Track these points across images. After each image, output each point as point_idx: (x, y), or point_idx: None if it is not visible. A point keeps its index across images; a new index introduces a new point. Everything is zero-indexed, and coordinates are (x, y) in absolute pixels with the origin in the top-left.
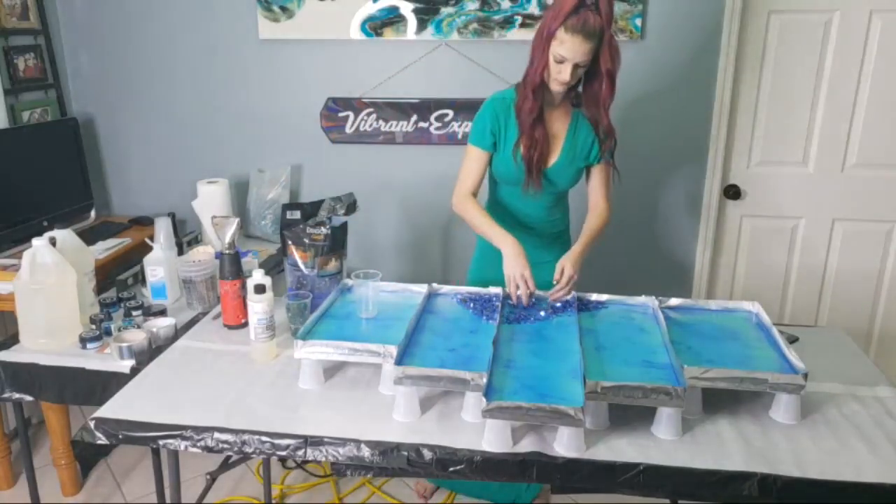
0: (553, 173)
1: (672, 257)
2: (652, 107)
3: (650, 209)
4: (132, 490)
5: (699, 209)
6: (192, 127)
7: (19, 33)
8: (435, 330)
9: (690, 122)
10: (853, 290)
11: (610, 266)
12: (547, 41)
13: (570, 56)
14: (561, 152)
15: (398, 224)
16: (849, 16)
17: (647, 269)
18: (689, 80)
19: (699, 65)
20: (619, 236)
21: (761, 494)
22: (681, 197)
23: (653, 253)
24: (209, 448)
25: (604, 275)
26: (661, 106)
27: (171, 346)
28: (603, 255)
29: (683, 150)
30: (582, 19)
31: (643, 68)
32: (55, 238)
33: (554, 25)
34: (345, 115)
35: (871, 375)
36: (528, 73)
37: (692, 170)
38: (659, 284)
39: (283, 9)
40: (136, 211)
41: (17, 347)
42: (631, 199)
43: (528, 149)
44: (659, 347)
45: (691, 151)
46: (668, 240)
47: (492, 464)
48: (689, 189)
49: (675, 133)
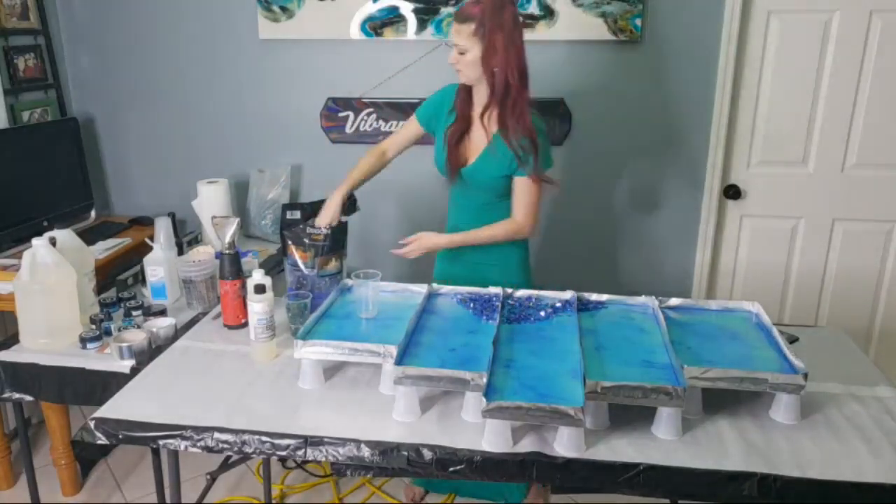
0: (468, 173)
1: (672, 257)
2: (652, 107)
3: (650, 209)
4: (132, 490)
5: (699, 209)
6: (192, 127)
7: (19, 33)
8: (435, 330)
9: (690, 122)
10: (853, 290)
11: (610, 266)
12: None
13: (451, 39)
14: (479, 156)
15: (398, 224)
16: (849, 16)
17: (647, 269)
18: (689, 80)
19: (699, 65)
20: (620, 237)
21: (761, 494)
22: (681, 197)
23: (653, 253)
24: (209, 448)
25: (604, 275)
26: (661, 106)
27: (171, 346)
28: (603, 255)
29: (683, 150)
30: (462, 7)
31: (643, 68)
32: (55, 238)
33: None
34: (345, 115)
35: (871, 375)
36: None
37: (692, 170)
38: (659, 284)
39: (283, 9)
40: (136, 211)
41: (17, 347)
42: (631, 199)
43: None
44: (659, 347)
45: (691, 151)
46: (668, 240)
47: (492, 464)
48: (689, 189)
49: (675, 133)
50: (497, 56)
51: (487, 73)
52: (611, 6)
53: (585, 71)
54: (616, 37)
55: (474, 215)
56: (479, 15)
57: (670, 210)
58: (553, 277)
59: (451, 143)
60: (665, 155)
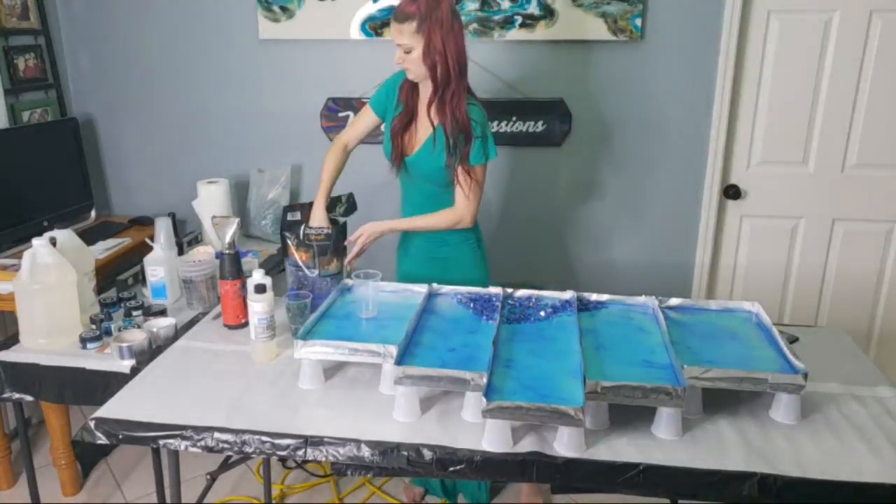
0: (412, 163)
1: (672, 257)
2: (652, 107)
3: (650, 209)
4: (132, 490)
5: (699, 209)
6: (192, 127)
7: (19, 33)
8: (435, 330)
9: (690, 122)
10: (853, 290)
11: (609, 266)
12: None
13: (393, 38)
14: (422, 146)
15: None
16: (849, 16)
17: (647, 269)
18: (689, 80)
19: (699, 65)
20: (620, 236)
21: (761, 494)
22: (681, 197)
23: (653, 253)
24: (209, 448)
25: (604, 275)
26: (661, 106)
27: (171, 346)
28: (603, 255)
29: (683, 150)
30: (399, 6)
31: (643, 68)
32: (55, 238)
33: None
34: (345, 115)
35: (871, 375)
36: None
37: (692, 170)
38: (659, 284)
39: (283, 9)
40: (136, 211)
41: (17, 347)
42: (631, 199)
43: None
44: (659, 347)
45: (691, 151)
46: (668, 240)
47: (492, 464)
48: (689, 189)
49: (675, 133)
50: (437, 51)
51: (430, 67)
52: (611, 6)
53: (585, 71)
54: (616, 37)
55: (420, 205)
56: (417, 12)
57: (670, 210)
58: (552, 277)
59: (396, 132)
60: (665, 155)
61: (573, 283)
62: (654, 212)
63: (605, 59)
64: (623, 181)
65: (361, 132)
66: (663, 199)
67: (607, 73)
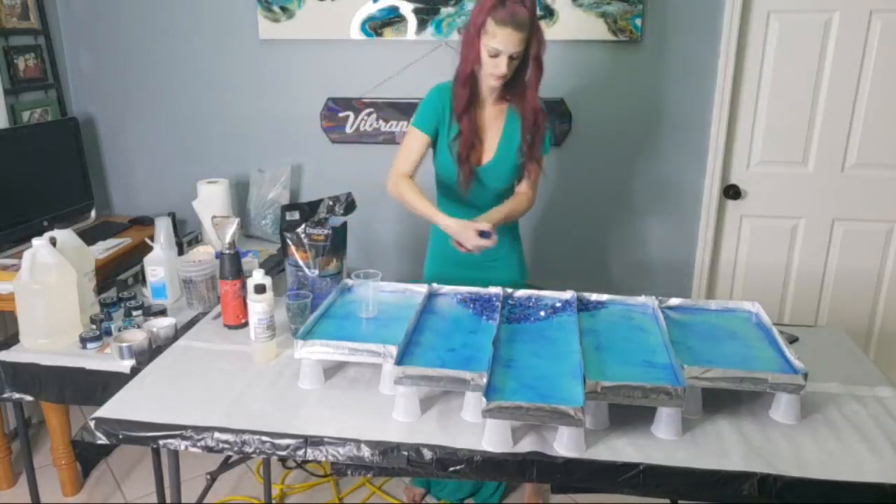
0: (486, 172)
1: (672, 257)
2: (651, 107)
3: (650, 209)
4: (132, 490)
5: (699, 209)
6: (192, 127)
7: (19, 33)
8: (435, 330)
9: (690, 122)
10: (853, 290)
11: (610, 266)
12: (476, 36)
13: (504, 48)
14: (496, 150)
15: (398, 224)
16: (849, 16)
17: (647, 269)
18: (689, 80)
19: (699, 65)
20: (619, 236)
21: (761, 494)
22: (681, 197)
23: (653, 253)
24: (209, 448)
25: (604, 275)
26: (661, 106)
27: (171, 346)
28: (603, 255)
29: (683, 150)
30: (510, 11)
31: (643, 68)
32: (55, 238)
33: (480, 19)
34: (345, 115)
35: (871, 375)
36: (459, 69)
37: (692, 170)
38: (659, 284)
39: (283, 9)
40: (136, 211)
41: (17, 347)
42: (631, 199)
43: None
44: (659, 347)
45: (691, 151)
46: (668, 240)
47: (492, 464)
48: (689, 189)
49: (675, 133)
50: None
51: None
52: (611, 6)
53: (585, 71)
54: (616, 37)
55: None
56: (529, 14)
57: (670, 210)
58: (553, 277)
59: (464, 155)
60: (665, 155)
61: (572, 283)
62: (654, 211)
63: (605, 59)
64: (623, 181)
65: (418, 158)
66: (663, 199)
67: (607, 73)
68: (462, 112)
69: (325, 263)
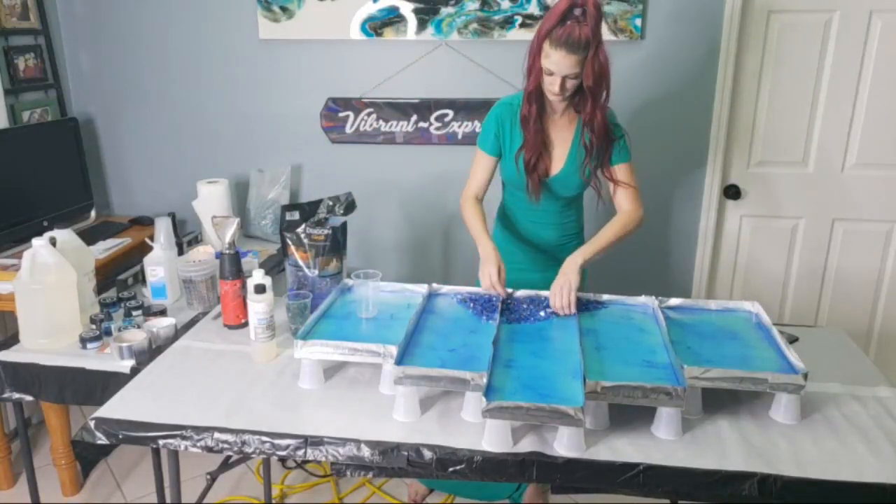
0: (556, 182)
1: (672, 257)
2: (652, 107)
3: (650, 209)
4: (132, 490)
5: (699, 209)
6: (192, 127)
7: (19, 33)
8: (435, 330)
9: (690, 122)
10: (853, 290)
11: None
12: (537, 52)
13: (556, 69)
14: (566, 161)
15: (398, 224)
16: (849, 16)
17: (647, 269)
18: (689, 80)
19: (699, 65)
20: None
21: (761, 494)
22: (681, 197)
23: (653, 253)
24: (209, 448)
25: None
26: (661, 106)
27: (171, 346)
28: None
29: (683, 150)
30: (566, 32)
31: (643, 68)
32: (55, 238)
33: (541, 33)
34: (345, 115)
35: (871, 375)
36: (525, 83)
37: (692, 170)
38: (659, 284)
39: (283, 9)
40: (136, 211)
41: (17, 347)
42: None
43: (527, 154)
44: (659, 347)
45: (691, 151)
46: (668, 240)
47: (492, 464)
48: (689, 189)
49: (675, 133)
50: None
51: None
52: (611, 6)
53: None
54: (616, 37)
55: (557, 212)
56: (591, 35)
57: (670, 210)
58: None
59: (531, 165)
60: (665, 155)
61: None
62: (654, 211)
63: None
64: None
65: (484, 178)
66: (663, 199)
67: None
68: (531, 127)
69: (325, 263)
